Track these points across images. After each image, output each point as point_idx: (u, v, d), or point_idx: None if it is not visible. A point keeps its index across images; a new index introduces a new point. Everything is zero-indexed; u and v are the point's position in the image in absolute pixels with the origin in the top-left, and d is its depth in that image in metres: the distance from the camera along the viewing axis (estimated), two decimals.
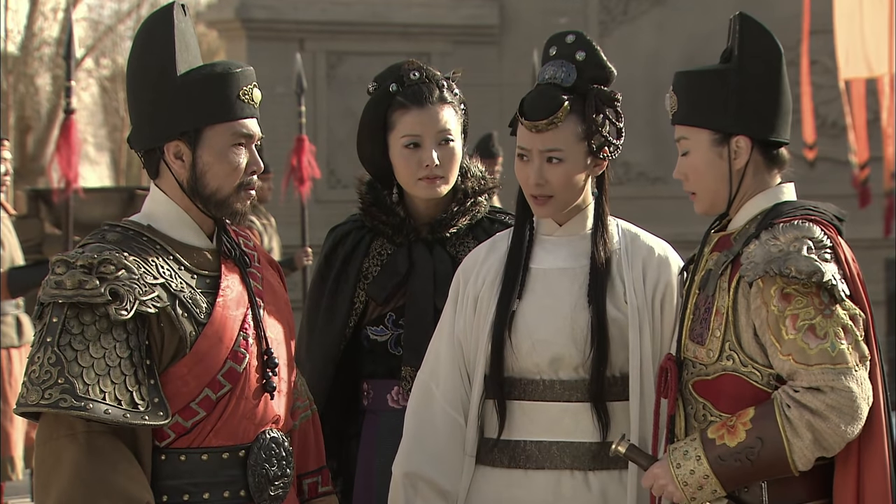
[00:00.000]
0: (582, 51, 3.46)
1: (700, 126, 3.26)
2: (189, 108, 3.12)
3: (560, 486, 3.46)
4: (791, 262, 3.08)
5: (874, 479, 3.15)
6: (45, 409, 2.96)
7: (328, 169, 12.21)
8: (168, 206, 3.18)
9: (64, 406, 2.94)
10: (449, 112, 3.73)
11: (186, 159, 3.15)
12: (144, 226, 3.16)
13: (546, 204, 3.49)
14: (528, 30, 12.91)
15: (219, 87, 3.14)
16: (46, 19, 22.83)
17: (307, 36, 12.74)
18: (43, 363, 2.97)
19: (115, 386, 2.99)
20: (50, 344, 2.99)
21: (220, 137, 3.15)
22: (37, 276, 7.63)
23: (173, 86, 3.12)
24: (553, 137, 3.44)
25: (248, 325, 3.19)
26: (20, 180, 18.89)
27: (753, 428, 3.11)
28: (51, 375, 2.96)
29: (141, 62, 3.17)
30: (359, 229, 3.85)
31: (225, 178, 3.16)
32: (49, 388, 2.95)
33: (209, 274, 3.18)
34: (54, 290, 3.02)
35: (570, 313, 3.47)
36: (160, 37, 3.14)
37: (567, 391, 3.47)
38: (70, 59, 7.32)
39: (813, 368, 3.07)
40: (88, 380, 2.97)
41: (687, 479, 3.15)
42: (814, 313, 3.10)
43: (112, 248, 3.07)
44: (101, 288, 3.00)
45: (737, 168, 3.25)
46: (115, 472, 3.00)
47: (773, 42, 3.26)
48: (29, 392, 2.98)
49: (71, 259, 3.04)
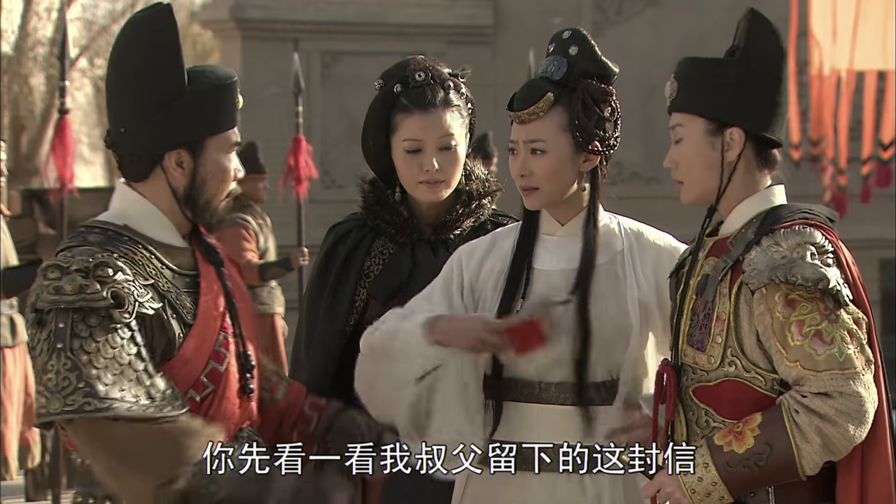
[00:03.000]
0: (575, 45, 3.47)
1: (696, 113, 3.26)
2: (197, 118, 3.12)
3: (555, 488, 3.46)
4: (797, 269, 3.08)
5: (878, 481, 3.15)
6: (70, 415, 2.94)
7: (322, 169, 12.18)
8: (143, 206, 3.16)
9: (89, 410, 2.93)
10: (452, 115, 3.72)
11: (187, 168, 3.14)
12: (121, 225, 3.13)
13: (532, 195, 3.49)
14: (522, 30, 12.90)
15: (223, 98, 3.15)
16: (41, 19, 22.78)
17: (302, 36, 12.72)
18: (59, 370, 2.95)
19: (131, 383, 2.97)
20: (62, 350, 2.96)
21: (218, 146, 3.17)
22: (31, 277, 7.60)
23: (182, 94, 3.10)
24: (535, 128, 3.45)
25: (227, 325, 3.19)
26: (14, 180, 18.85)
27: (762, 434, 3.10)
28: (69, 381, 2.94)
29: (143, 65, 3.11)
30: (360, 228, 3.84)
31: (219, 185, 3.18)
32: (71, 395, 2.93)
33: (188, 273, 3.18)
34: (54, 295, 2.99)
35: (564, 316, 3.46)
36: (167, 41, 3.11)
37: (563, 394, 3.47)
38: (64, 59, 7.32)
39: (822, 374, 3.07)
40: (107, 380, 2.95)
41: (695, 486, 3.14)
42: (819, 319, 3.10)
43: (101, 250, 3.05)
44: (103, 292, 2.99)
45: (728, 160, 3.25)
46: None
47: (779, 42, 3.26)
48: (49, 401, 2.95)
49: (64, 264, 3.02)
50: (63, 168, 7.19)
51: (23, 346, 7.79)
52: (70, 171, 7.30)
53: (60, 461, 7.92)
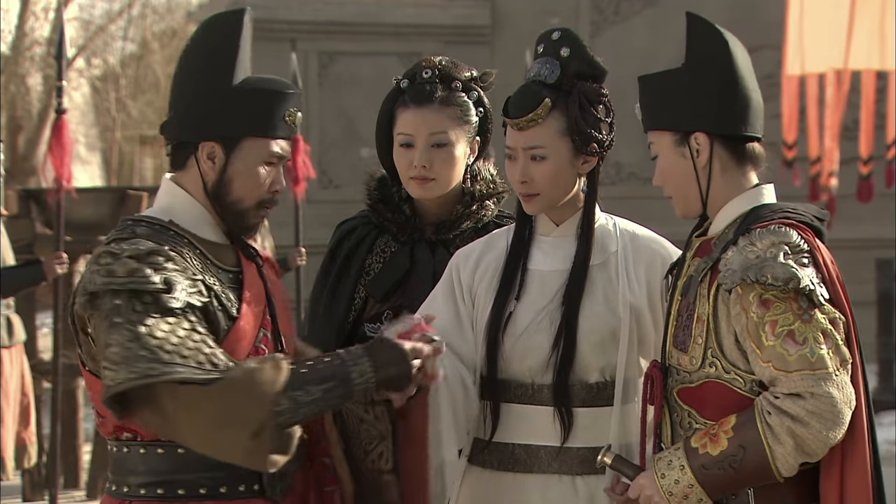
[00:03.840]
0: (566, 47, 3.46)
1: (661, 128, 3.27)
2: (236, 115, 3.17)
3: (548, 490, 3.45)
4: (767, 268, 3.08)
5: (856, 481, 3.14)
6: (136, 382, 2.93)
7: (320, 169, 12.19)
8: (187, 202, 3.22)
9: (153, 374, 2.93)
10: (449, 113, 3.71)
11: (218, 162, 3.19)
12: (166, 221, 3.19)
13: (533, 200, 3.49)
14: (519, 30, 12.90)
15: (268, 103, 3.18)
16: (38, 19, 22.77)
17: (299, 36, 12.73)
18: (121, 342, 2.96)
19: (192, 352, 2.98)
20: (122, 324, 2.98)
21: (255, 151, 3.19)
22: (28, 277, 7.62)
23: (227, 89, 3.16)
24: (535, 135, 3.44)
25: (268, 321, 3.23)
26: (11, 180, 18.85)
27: (735, 436, 3.10)
28: (132, 351, 2.94)
29: (201, 58, 3.21)
30: (365, 225, 3.86)
31: (248, 190, 3.20)
32: (136, 363, 2.93)
33: (232, 269, 3.22)
34: (105, 277, 3.02)
35: (555, 316, 3.46)
36: (226, 40, 3.19)
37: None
38: (61, 59, 7.31)
39: (793, 375, 3.06)
40: (168, 347, 2.96)
41: (672, 488, 3.14)
42: (792, 319, 3.09)
43: (148, 240, 3.09)
44: (154, 277, 3.02)
45: (701, 165, 3.25)
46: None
47: (719, 37, 3.25)
48: (116, 373, 2.94)
49: (117, 251, 3.06)
50: (60, 168, 7.19)
51: (19, 346, 7.79)
52: (67, 171, 7.30)
53: (57, 461, 7.91)
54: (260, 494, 3.17)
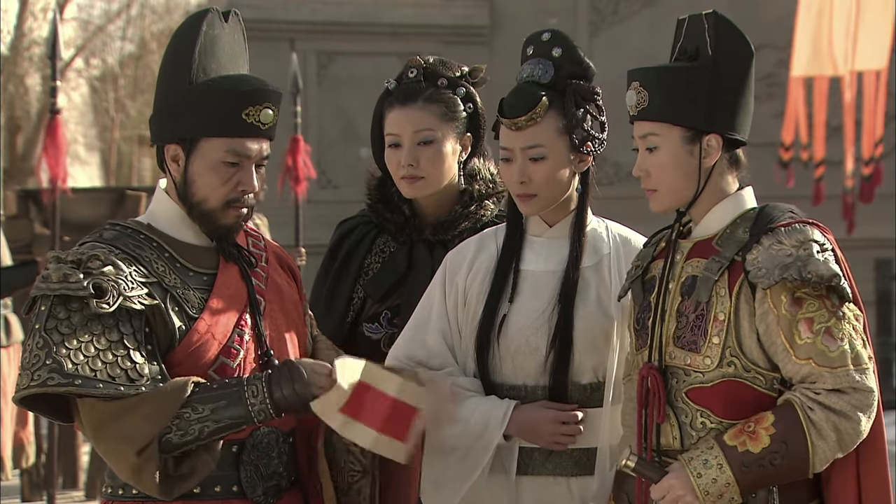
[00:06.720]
0: (558, 47, 3.46)
1: (674, 123, 3.24)
2: (190, 116, 3.17)
3: (543, 491, 3.44)
4: (811, 266, 3.09)
5: (875, 479, 3.17)
6: (35, 390, 3.01)
7: (319, 169, 12.17)
8: (168, 206, 3.25)
9: (52, 384, 3.00)
10: (433, 110, 3.71)
11: (180, 164, 3.21)
12: (144, 224, 3.24)
13: (530, 201, 3.47)
14: (518, 30, 12.85)
15: (221, 102, 3.17)
16: (36, 19, 22.78)
17: (297, 36, 12.72)
18: (32, 348, 3.04)
19: (106, 365, 3.04)
20: (38, 330, 3.05)
21: (213, 151, 3.19)
22: (25, 277, 7.62)
23: (183, 91, 3.17)
24: (533, 134, 3.43)
25: (245, 323, 3.22)
26: (10, 180, 18.86)
27: (777, 432, 3.09)
28: (39, 358, 3.02)
29: (165, 61, 3.24)
30: (365, 224, 3.85)
31: (210, 191, 3.20)
32: (38, 370, 3.01)
33: (206, 271, 3.23)
34: (42, 283, 3.10)
35: (551, 318, 3.45)
36: (185, 40, 3.20)
37: (549, 398, 3.45)
38: (55, 59, 7.29)
39: (837, 371, 3.09)
40: (76, 360, 3.02)
41: (709, 488, 3.12)
42: (828, 316, 3.11)
43: (104, 245, 3.14)
44: (85, 282, 3.06)
45: (706, 166, 3.25)
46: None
47: (746, 42, 3.26)
48: (22, 378, 3.04)
49: (63, 255, 3.12)
50: (56, 168, 7.17)
51: (17, 345, 7.79)
52: (63, 171, 7.29)
53: (55, 461, 7.90)
54: (240, 495, 3.17)
